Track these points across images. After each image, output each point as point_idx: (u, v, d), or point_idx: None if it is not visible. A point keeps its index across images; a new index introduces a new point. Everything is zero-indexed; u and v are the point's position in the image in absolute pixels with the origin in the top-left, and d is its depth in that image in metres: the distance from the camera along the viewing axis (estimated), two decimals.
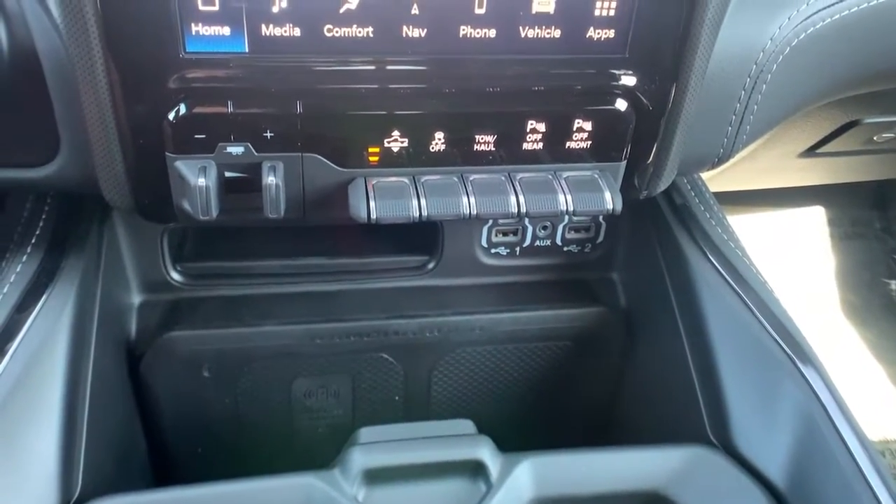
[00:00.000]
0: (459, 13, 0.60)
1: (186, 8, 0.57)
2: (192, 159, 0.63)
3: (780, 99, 0.75)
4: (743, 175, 1.29)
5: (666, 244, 0.84)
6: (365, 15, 0.59)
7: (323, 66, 0.61)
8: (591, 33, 0.63)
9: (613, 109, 0.66)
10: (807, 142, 1.09)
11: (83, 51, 0.58)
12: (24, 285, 0.70)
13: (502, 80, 0.64)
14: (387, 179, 0.66)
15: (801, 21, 0.71)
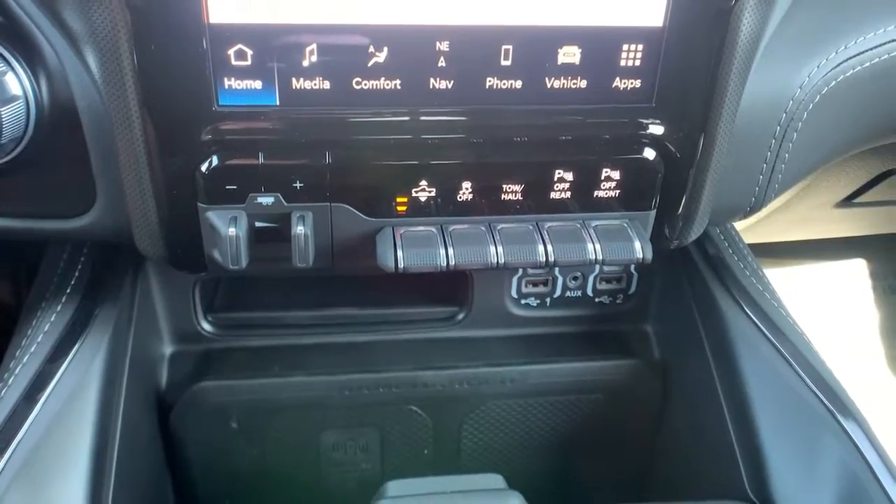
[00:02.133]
0: (486, 65, 0.61)
1: (220, 63, 0.59)
2: (224, 209, 0.64)
3: (812, 147, 0.74)
4: (778, 226, 1.27)
5: (700, 296, 0.82)
6: (393, 68, 0.60)
7: (352, 117, 0.62)
8: (618, 83, 0.63)
9: (641, 158, 0.66)
10: (843, 192, 1.08)
11: (121, 105, 0.60)
12: (58, 335, 0.72)
13: (529, 129, 0.65)
14: (414, 229, 0.67)
15: (831, 69, 0.70)
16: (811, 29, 0.69)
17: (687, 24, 0.61)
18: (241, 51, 0.58)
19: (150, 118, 0.61)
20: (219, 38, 0.58)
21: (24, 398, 0.66)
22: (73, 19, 0.60)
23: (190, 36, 0.57)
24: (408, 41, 0.59)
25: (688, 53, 0.62)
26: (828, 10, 0.70)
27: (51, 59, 0.62)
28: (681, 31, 0.61)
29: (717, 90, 0.64)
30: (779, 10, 0.66)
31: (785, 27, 0.68)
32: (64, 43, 0.62)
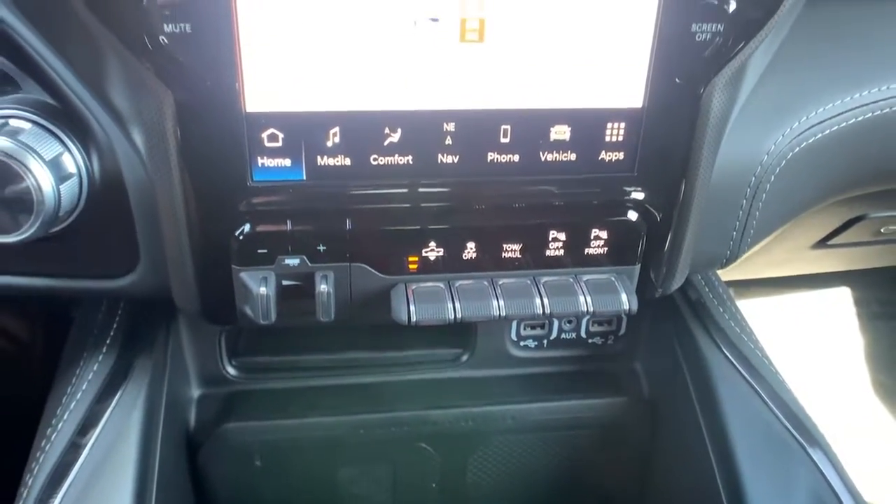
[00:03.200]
0: (487, 143, 0.69)
1: (254, 145, 0.67)
2: (255, 271, 0.71)
3: (781, 205, 0.82)
4: (757, 267, 1.35)
5: (683, 338, 0.90)
6: (406, 146, 0.69)
7: (369, 189, 0.70)
8: (603, 156, 0.71)
9: (626, 220, 0.74)
10: (816, 235, 1.16)
11: (165, 180, 0.68)
12: (100, 384, 0.79)
13: (526, 196, 0.73)
14: (424, 284, 0.74)
15: (794, 136, 0.79)
16: (775, 103, 0.78)
17: (663, 105, 0.69)
18: (273, 134, 0.67)
19: (191, 191, 0.68)
20: (254, 124, 0.66)
21: (72, 444, 0.73)
22: (122, 103, 0.68)
23: (229, 122, 0.65)
24: (419, 123, 0.68)
25: (665, 130, 0.70)
26: (789, 85, 0.79)
27: (101, 138, 0.70)
28: (658, 111, 0.69)
29: (692, 161, 0.72)
30: (745, 89, 0.75)
31: (752, 102, 0.76)
32: (113, 124, 0.70)
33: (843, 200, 0.98)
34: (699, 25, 0.66)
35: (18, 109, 0.68)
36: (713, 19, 0.66)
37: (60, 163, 0.67)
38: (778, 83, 0.78)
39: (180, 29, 0.61)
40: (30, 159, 0.65)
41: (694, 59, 0.67)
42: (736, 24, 0.66)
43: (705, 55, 0.67)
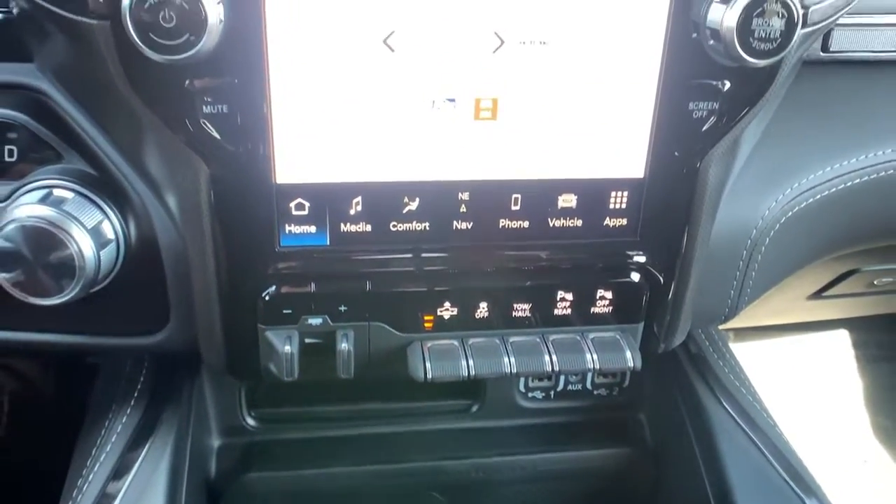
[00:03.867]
0: (499, 210, 0.74)
1: (283, 213, 0.71)
2: (280, 329, 0.76)
3: (775, 265, 0.87)
4: (757, 316, 1.39)
5: (684, 391, 0.94)
6: (423, 214, 0.73)
7: (388, 253, 0.75)
8: (608, 222, 0.76)
9: (629, 281, 0.79)
10: (812, 287, 1.20)
11: (197, 245, 0.73)
12: (129, 435, 0.83)
13: (535, 260, 0.77)
14: (439, 342, 0.78)
15: (787, 202, 0.84)
16: (769, 171, 0.83)
17: (663, 176, 0.74)
18: (300, 203, 0.71)
19: (222, 255, 0.73)
20: (283, 194, 0.71)
21: (103, 494, 0.77)
22: (159, 173, 0.73)
23: (260, 192, 0.70)
24: (435, 192, 0.73)
25: (665, 198, 0.75)
26: (782, 154, 0.84)
27: (138, 205, 0.75)
28: (658, 181, 0.74)
29: (691, 226, 0.77)
30: (740, 160, 0.80)
31: (746, 170, 0.81)
32: (149, 192, 0.75)
33: (836, 256, 1.02)
34: (696, 104, 0.71)
35: (61, 179, 0.73)
36: (709, 98, 0.71)
37: (101, 230, 0.72)
38: (771, 152, 0.83)
39: (218, 110, 0.66)
40: (73, 227, 0.69)
41: (691, 134, 0.72)
42: (730, 101, 0.71)
43: (702, 130, 0.72)
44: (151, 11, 0.58)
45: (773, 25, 0.64)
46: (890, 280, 1.23)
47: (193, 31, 0.59)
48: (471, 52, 0.67)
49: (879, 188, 0.87)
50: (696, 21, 0.67)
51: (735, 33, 0.63)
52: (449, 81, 0.68)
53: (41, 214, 0.68)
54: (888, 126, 0.89)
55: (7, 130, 0.74)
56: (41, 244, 0.68)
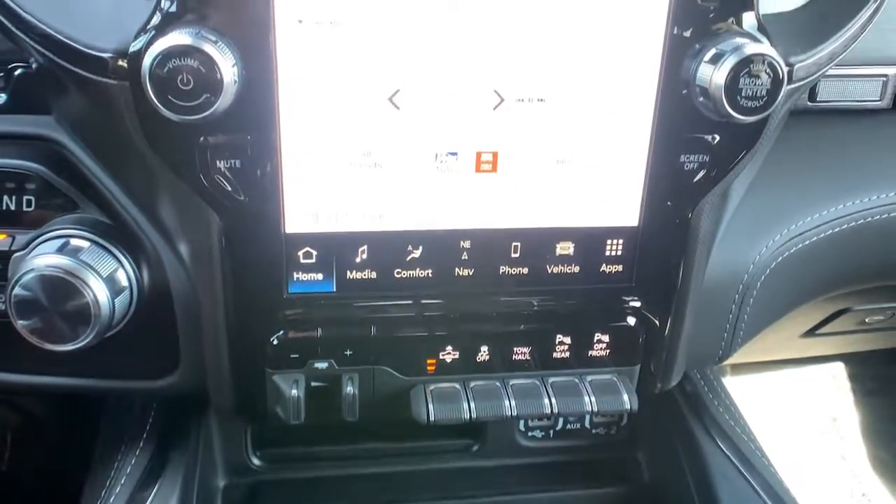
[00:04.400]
0: (500, 257, 0.77)
1: (291, 261, 0.74)
2: (287, 374, 0.78)
3: (767, 308, 0.90)
4: (752, 353, 1.42)
5: (681, 430, 0.96)
6: (426, 261, 0.76)
7: (393, 300, 0.77)
8: (604, 268, 0.79)
9: (626, 325, 0.82)
10: (804, 326, 1.23)
11: (208, 291, 0.76)
12: (138, 476, 0.84)
13: (534, 305, 0.80)
14: (441, 385, 0.81)
15: (778, 247, 0.87)
16: (759, 217, 0.86)
17: (656, 224, 0.77)
18: (308, 252, 0.74)
19: (231, 302, 0.76)
20: (292, 243, 0.73)
21: None
22: (172, 223, 0.76)
23: (270, 242, 0.73)
24: (438, 241, 0.75)
25: (658, 245, 0.78)
26: (771, 201, 0.87)
27: (151, 253, 0.78)
28: (652, 229, 0.77)
29: (684, 272, 0.80)
30: (730, 208, 0.83)
31: (737, 218, 0.85)
32: (162, 240, 0.77)
33: (827, 297, 1.05)
34: (687, 156, 0.74)
35: (77, 229, 0.76)
36: (699, 151, 0.74)
37: (115, 278, 0.74)
38: (760, 199, 0.86)
39: (231, 164, 0.69)
40: (89, 276, 0.72)
41: (683, 185, 0.75)
42: (719, 154, 0.74)
43: (693, 182, 0.75)
44: (170, 74, 0.61)
45: (759, 84, 0.67)
46: (881, 318, 1.26)
47: (210, 93, 0.62)
48: (472, 108, 0.70)
49: (867, 233, 0.90)
50: (686, 79, 0.70)
51: (723, 92, 0.67)
52: (451, 136, 0.71)
53: (59, 264, 0.71)
54: (874, 172, 0.92)
55: (25, 181, 0.77)
56: (58, 293, 0.71)
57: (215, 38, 0.62)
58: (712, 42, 0.69)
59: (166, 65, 0.61)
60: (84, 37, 0.65)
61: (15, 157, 0.77)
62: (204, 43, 0.61)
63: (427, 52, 0.68)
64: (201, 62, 0.61)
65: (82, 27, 0.65)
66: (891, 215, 0.90)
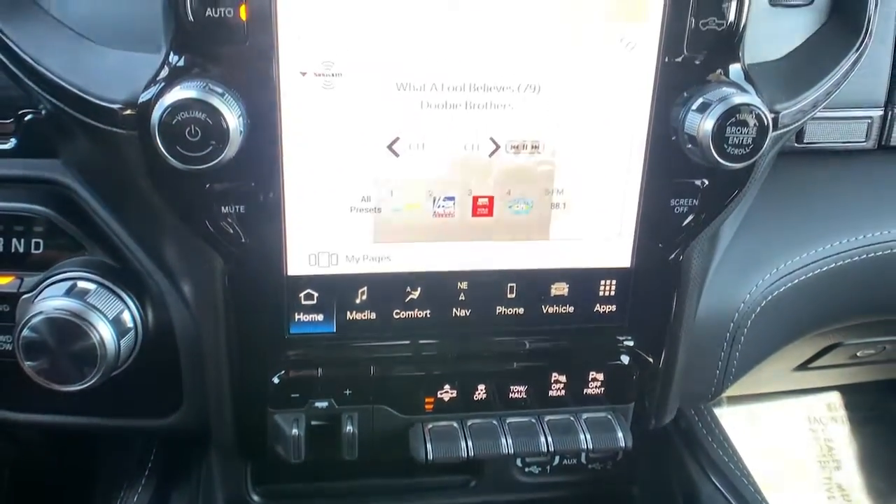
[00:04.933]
0: (496, 298, 0.79)
1: (293, 302, 0.76)
2: (287, 413, 0.79)
3: (758, 345, 0.92)
4: (746, 386, 1.43)
5: (675, 465, 0.98)
6: (424, 302, 0.78)
7: (391, 340, 0.79)
8: (598, 308, 0.81)
9: (620, 364, 0.83)
10: (796, 360, 1.25)
11: (211, 332, 0.77)
12: None
13: (530, 344, 0.82)
14: (439, 424, 0.82)
15: (766, 287, 0.89)
16: (747, 258, 0.88)
17: (648, 266, 0.79)
18: (309, 294, 0.76)
19: (234, 342, 0.77)
20: (294, 285, 0.75)
21: None
22: (177, 266, 0.78)
23: (272, 284, 0.75)
24: (436, 282, 0.77)
25: (650, 286, 0.80)
26: (759, 242, 0.89)
27: (156, 294, 0.80)
28: (644, 270, 0.79)
29: (676, 312, 0.82)
30: (720, 250, 0.86)
31: (726, 258, 0.87)
32: (167, 282, 0.79)
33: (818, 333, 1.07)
34: (677, 200, 0.77)
35: (84, 271, 0.78)
36: (689, 195, 0.77)
37: (121, 319, 0.76)
38: (750, 239, 0.89)
39: (235, 210, 0.71)
40: (95, 318, 0.74)
41: (673, 228, 0.78)
42: (708, 198, 0.77)
43: (683, 224, 0.78)
44: (179, 126, 0.63)
45: (746, 132, 0.70)
46: (872, 352, 1.27)
47: (216, 144, 0.64)
48: (468, 155, 0.73)
49: (853, 271, 0.92)
50: (675, 126, 0.73)
51: (711, 140, 0.69)
52: (448, 182, 0.74)
53: (66, 307, 0.73)
54: (860, 212, 0.94)
55: (33, 224, 0.79)
56: (66, 335, 0.72)
57: (222, 91, 0.65)
58: (700, 91, 0.72)
59: (175, 117, 0.63)
60: (95, 88, 0.67)
61: (23, 201, 0.79)
62: (211, 96, 0.63)
63: (425, 102, 0.70)
64: (208, 114, 0.63)
65: (93, 79, 0.68)
66: (877, 254, 0.92)
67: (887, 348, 1.26)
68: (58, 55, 0.68)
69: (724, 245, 0.87)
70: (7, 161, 0.80)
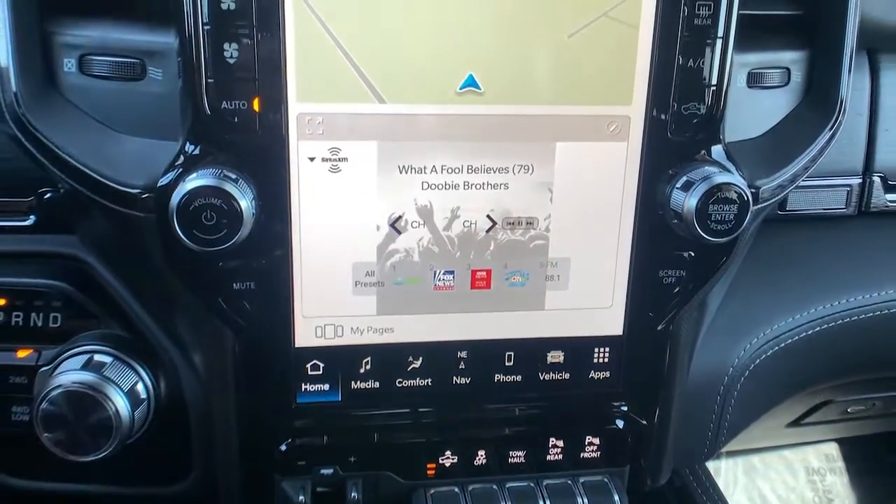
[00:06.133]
0: (494, 366, 0.82)
1: (300, 373, 0.79)
2: (294, 479, 0.82)
3: (749, 407, 0.95)
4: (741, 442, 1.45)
5: None
6: (426, 371, 0.81)
7: (394, 408, 0.82)
8: (593, 375, 0.84)
9: (615, 428, 0.86)
10: (789, 418, 1.28)
11: (221, 402, 0.80)
12: None
13: (528, 410, 0.85)
14: (441, 489, 0.85)
15: (754, 351, 0.93)
16: (735, 323, 0.92)
17: (640, 333, 0.83)
18: (315, 364, 0.80)
19: (243, 411, 0.80)
20: (301, 357, 0.79)
21: None
22: (189, 338, 0.82)
23: (280, 356, 0.78)
24: (437, 352, 0.81)
25: (642, 353, 0.84)
26: (746, 308, 0.93)
27: (168, 366, 0.83)
28: (636, 338, 0.83)
29: (667, 377, 0.85)
30: (708, 316, 0.89)
31: (715, 324, 0.91)
32: (179, 353, 0.83)
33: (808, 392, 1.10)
34: (665, 272, 0.81)
35: (100, 344, 0.81)
36: (676, 266, 0.81)
37: (135, 391, 0.79)
38: (738, 304, 0.93)
39: (246, 286, 0.75)
40: (111, 391, 0.77)
41: (662, 298, 0.82)
42: (695, 269, 0.81)
43: (672, 294, 0.81)
44: (195, 211, 0.67)
45: (728, 210, 0.74)
46: (863, 408, 1.30)
47: (230, 227, 0.68)
48: (467, 232, 0.77)
49: (839, 335, 0.96)
50: (662, 202, 0.77)
51: (695, 217, 0.74)
52: (448, 257, 0.78)
53: (83, 380, 0.76)
54: (842, 276, 0.99)
55: (52, 299, 0.83)
56: (83, 407, 0.75)
57: (235, 177, 0.69)
58: (684, 170, 0.76)
59: (192, 203, 0.67)
60: (115, 174, 0.72)
61: (42, 276, 0.83)
62: (226, 183, 0.68)
63: (426, 183, 0.75)
64: (223, 200, 0.67)
65: (113, 165, 0.72)
66: (860, 318, 0.96)
67: (877, 404, 1.29)
68: (80, 143, 0.73)
69: (713, 311, 0.91)
70: (27, 237, 0.84)
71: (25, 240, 0.84)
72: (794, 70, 0.86)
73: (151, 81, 0.73)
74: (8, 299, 0.83)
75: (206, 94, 0.69)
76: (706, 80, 0.75)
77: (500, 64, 0.73)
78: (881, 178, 0.99)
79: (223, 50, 0.68)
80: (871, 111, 0.98)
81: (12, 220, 0.83)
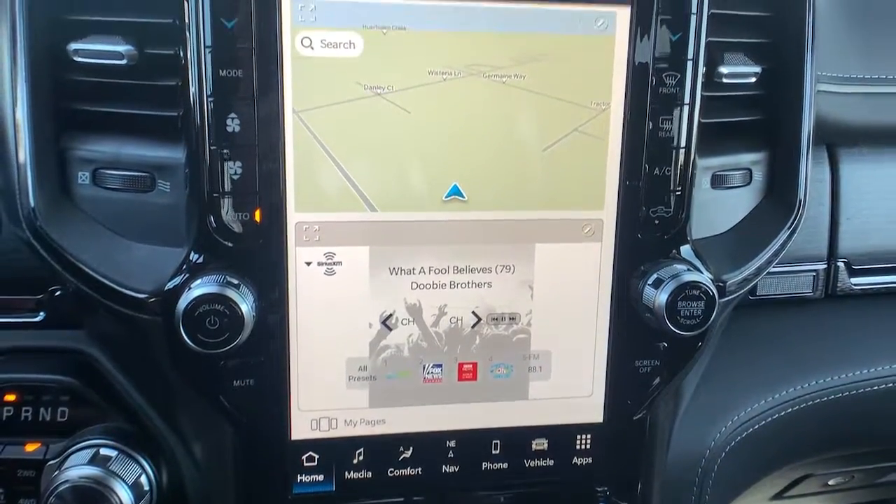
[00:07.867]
0: (482, 454, 0.87)
1: (296, 465, 0.83)
2: None
3: (728, 485, 0.99)
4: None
5: None
6: (416, 460, 0.85)
7: (386, 497, 0.86)
8: (576, 460, 0.88)
9: None
10: (771, 491, 1.31)
11: (220, 493, 0.84)
12: None
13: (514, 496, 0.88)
14: None
15: (730, 432, 0.97)
16: (710, 407, 0.97)
17: (618, 421, 0.87)
18: (311, 456, 0.83)
19: (241, 501, 0.84)
20: (297, 449, 0.83)
21: None
22: (190, 432, 0.86)
23: (277, 448, 0.82)
24: (427, 442, 0.85)
25: (622, 438, 0.88)
26: (720, 391, 0.98)
27: (169, 457, 0.87)
28: (615, 425, 0.87)
29: (646, 461, 0.89)
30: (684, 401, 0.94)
31: (691, 408, 0.96)
32: (179, 445, 0.87)
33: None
34: (640, 361, 0.86)
35: (105, 438, 0.85)
36: (651, 356, 0.86)
37: (139, 483, 0.83)
38: (711, 389, 0.98)
39: (245, 383, 0.79)
40: (116, 484, 0.80)
41: (639, 386, 0.86)
42: (669, 358, 0.86)
43: (648, 382, 0.86)
44: (200, 317, 0.72)
45: (696, 305, 0.80)
46: (842, 480, 1.34)
47: (232, 330, 0.73)
48: (453, 328, 0.82)
49: (810, 415, 1.01)
50: (635, 297, 0.83)
51: (665, 312, 0.79)
52: (436, 351, 0.83)
53: (90, 475, 0.79)
54: (811, 358, 1.04)
55: (60, 393, 0.87)
56: (89, 501, 0.79)
57: (237, 282, 0.74)
58: (654, 267, 0.82)
59: (197, 309, 0.72)
60: (124, 279, 0.77)
61: (50, 371, 0.87)
62: (228, 289, 0.73)
63: (415, 283, 0.81)
64: (226, 306, 0.73)
65: (122, 271, 0.78)
66: (829, 398, 1.01)
67: (856, 476, 1.33)
68: (92, 250, 0.78)
69: (689, 395, 0.96)
70: (36, 332, 0.88)
71: (35, 335, 0.89)
72: (755, 170, 0.93)
73: (160, 193, 0.79)
74: (18, 395, 0.87)
75: (211, 207, 0.75)
76: (671, 186, 0.82)
77: (482, 175, 0.79)
78: (845, 262, 1.05)
79: (228, 167, 0.75)
80: (833, 201, 1.05)
81: (23, 316, 0.88)
